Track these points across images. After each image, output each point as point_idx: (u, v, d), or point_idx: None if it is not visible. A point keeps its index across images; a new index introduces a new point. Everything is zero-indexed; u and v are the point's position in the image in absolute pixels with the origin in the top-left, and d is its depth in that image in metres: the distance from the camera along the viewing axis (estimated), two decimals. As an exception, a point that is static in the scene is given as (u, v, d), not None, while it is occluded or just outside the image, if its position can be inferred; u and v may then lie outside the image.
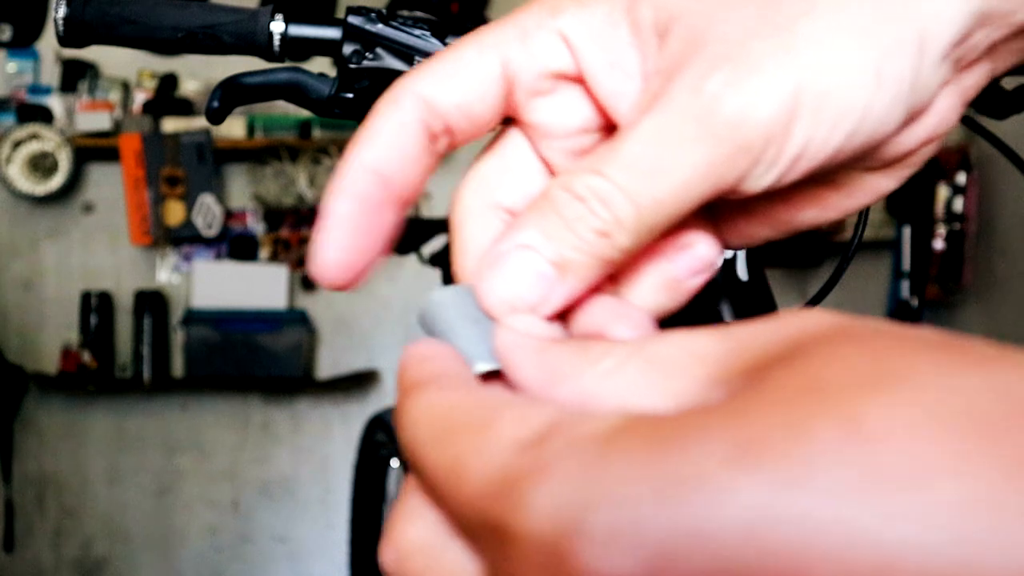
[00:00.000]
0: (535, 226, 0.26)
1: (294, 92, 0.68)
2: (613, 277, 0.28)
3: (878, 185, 0.31)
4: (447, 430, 0.21)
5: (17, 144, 3.26)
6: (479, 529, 0.19)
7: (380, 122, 0.28)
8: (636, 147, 0.25)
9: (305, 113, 3.42)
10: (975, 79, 0.30)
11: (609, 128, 0.30)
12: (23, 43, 3.40)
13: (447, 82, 0.28)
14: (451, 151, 0.31)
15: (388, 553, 0.22)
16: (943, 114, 0.29)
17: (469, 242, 0.29)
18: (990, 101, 0.66)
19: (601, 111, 0.29)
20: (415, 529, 0.21)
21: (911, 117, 0.28)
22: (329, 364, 3.56)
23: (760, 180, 0.26)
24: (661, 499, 0.16)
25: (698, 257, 0.28)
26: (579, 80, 0.29)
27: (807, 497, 0.16)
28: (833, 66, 0.26)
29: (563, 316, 0.27)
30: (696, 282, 0.29)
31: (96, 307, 3.37)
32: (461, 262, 0.29)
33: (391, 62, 0.67)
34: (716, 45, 0.26)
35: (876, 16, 0.26)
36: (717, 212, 0.30)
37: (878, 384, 0.17)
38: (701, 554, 0.16)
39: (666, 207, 0.25)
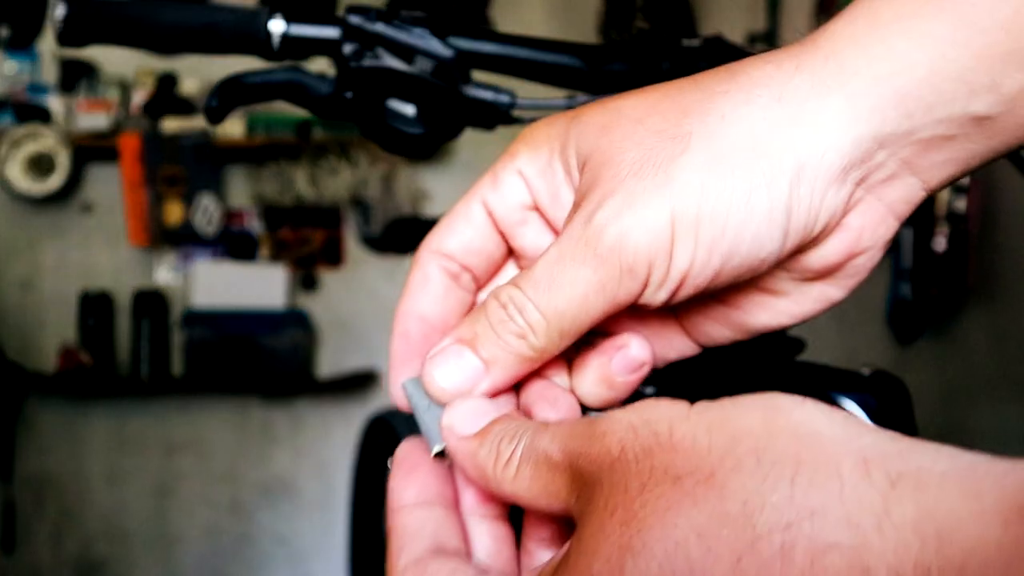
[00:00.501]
0: (469, 327, 0.33)
1: (293, 91, 0.68)
2: (568, 368, 0.35)
3: (824, 294, 0.35)
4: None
5: (16, 144, 3.26)
6: None
7: (413, 277, 0.36)
8: (542, 267, 0.32)
9: (304, 113, 3.41)
10: (900, 192, 0.33)
11: None
12: (22, 43, 3.39)
13: (450, 234, 0.36)
14: (479, 285, 0.37)
15: None
16: (866, 228, 0.33)
17: (413, 278, 0.37)
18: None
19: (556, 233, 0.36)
20: None
21: (820, 234, 0.32)
22: (329, 364, 3.56)
23: (655, 296, 0.32)
24: None
25: (630, 357, 0.34)
26: (537, 209, 0.36)
27: None
28: (704, 197, 0.30)
29: (516, 388, 0.35)
30: (630, 379, 0.34)
31: (95, 307, 3.36)
32: (401, 300, 0.37)
33: (391, 61, 0.67)
34: (607, 183, 0.31)
35: (749, 154, 0.31)
36: (683, 315, 0.37)
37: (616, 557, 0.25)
38: None
39: (568, 317, 0.31)
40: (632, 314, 0.35)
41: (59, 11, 0.66)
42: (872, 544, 0.22)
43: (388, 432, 2.05)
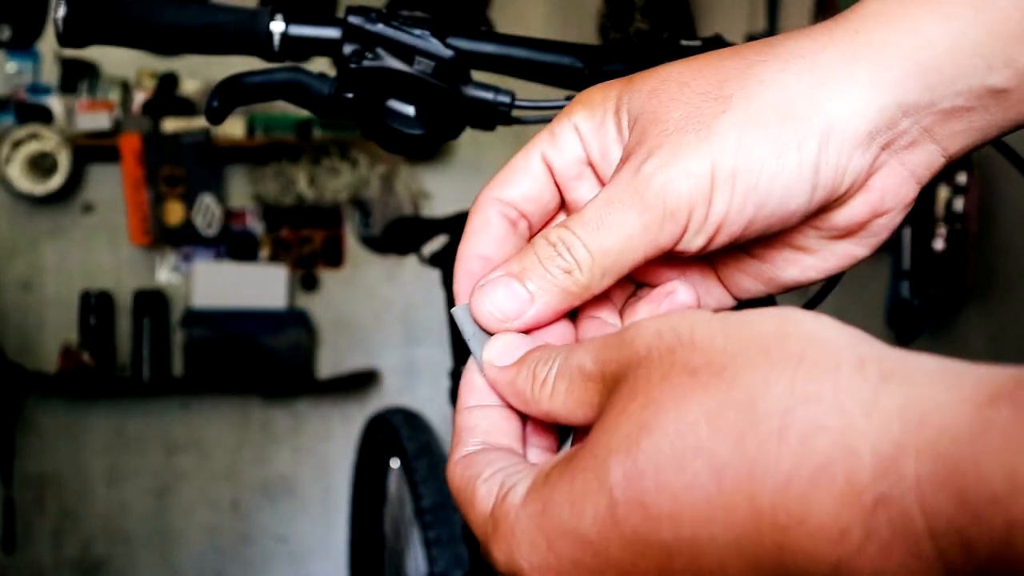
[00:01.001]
0: (518, 262, 0.36)
1: (294, 92, 0.68)
2: (621, 319, 0.39)
3: (849, 251, 0.39)
4: (458, 494, 0.34)
5: (17, 144, 3.26)
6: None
7: (474, 222, 0.39)
8: (591, 209, 0.35)
9: (305, 113, 3.42)
10: (922, 157, 0.36)
11: None
12: (23, 43, 3.40)
13: (510, 184, 0.39)
14: (532, 232, 0.40)
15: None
16: (889, 190, 0.37)
17: (474, 222, 0.39)
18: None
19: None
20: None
21: (846, 193, 0.36)
22: (329, 364, 3.56)
23: (692, 242, 0.35)
24: (546, 551, 0.30)
25: (678, 302, 0.37)
26: (590, 164, 0.39)
27: (621, 524, 0.29)
28: (740, 151, 0.34)
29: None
30: None
31: (96, 307, 3.37)
32: (463, 242, 0.38)
33: (391, 62, 0.67)
34: (654, 138, 0.35)
35: (783, 115, 0.34)
36: (720, 268, 0.41)
37: (631, 439, 0.29)
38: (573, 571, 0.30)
39: (612, 255, 0.35)
40: (674, 265, 0.40)
41: (60, 11, 0.66)
42: (858, 427, 0.25)
43: (388, 431, 2.05)
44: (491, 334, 0.36)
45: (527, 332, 0.36)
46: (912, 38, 0.35)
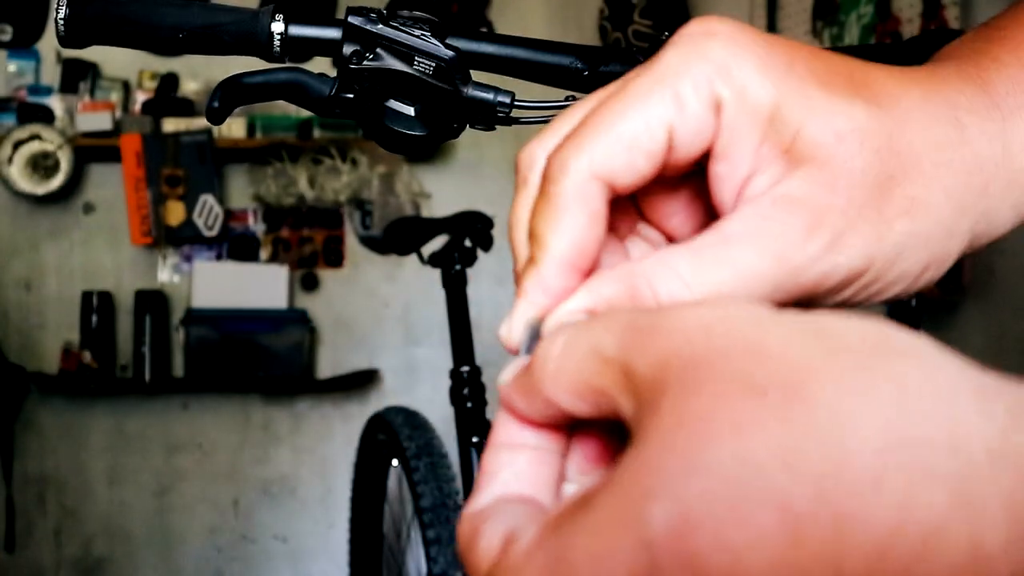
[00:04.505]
0: (605, 300, 0.29)
1: (294, 92, 0.69)
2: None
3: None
4: (466, 540, 0.27)
5: (18, 144, 3.27)
6: None
7: (569, 206, 0.29)
8: (725, 272, 0.29)
9: (305, 113, 3.42)
10: (987, 237, 0.35)
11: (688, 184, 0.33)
12: (24, 43, 3.40)
13: (618, 154, 0.29)
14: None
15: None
16: (951, 262, 0.34)
17: (567, 210, 0.29)
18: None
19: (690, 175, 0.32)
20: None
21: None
22: (329, 364, 3.56)
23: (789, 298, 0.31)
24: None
25: None
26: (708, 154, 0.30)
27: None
28: (900, 261, 0.31)
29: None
30: None
31: (97, 307, 3.37)
32: (554, 232, 0.30)
33: (391, 62, 0.67)
34: (831, 207, 0.29)
35: (951, 229, 0.32)
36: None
37: (693, 473, 0.22)
38: None
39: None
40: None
41: (61, 12, 0.66)
42: (983, 475, 0.20)
43: (388, 431, 2.05)
44: None
45: None
46: None
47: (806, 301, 0.31)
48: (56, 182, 3.31)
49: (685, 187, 0.33)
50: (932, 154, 0.31)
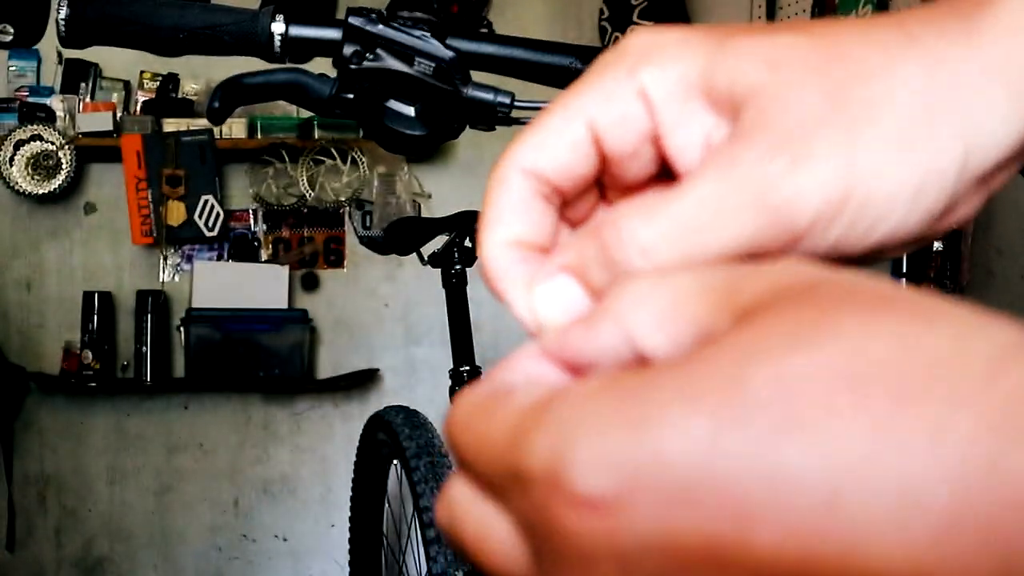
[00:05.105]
0: (577, 253, 0.29)
1: (295, 92, 0.69)
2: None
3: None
4: (471, 415, 0.24)
5: (19, 144, 3.27)
6: (502, 483, 0.23)
7: (497, 197, 0.31)
8: (690, 207, 0.27)
9: (306, 113, 3.42)
10: (1004, 178, 0.31)
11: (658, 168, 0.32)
12: (25, 44, 3.40)
13: (541, 148, 0.30)
14: (567, 206, 0.33)
15: (441, 510, 0.26)
16: (968, 211, 0.31)
17: (496, 202, 0.31)
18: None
19: (658, 157, 0.31)
20: (458, 492, 0.25)
21: (936, 218, 0.30)
22: (329, 364, 3.56)
23: (791, 254, 0.29)
24: (629, 434, 0.20)
25: None
26: (653, 134, 0.30)
27: (735, 435, 0.20)
28: (880, 177, 0.28)
29: None
30: None
31: (98, 307, 3.37)
32: (486, 227, 0.31)
33: (391, 63, 0.68)
34: (783, 129, 0.28)
35: (927, 139, 0.28)
36: None
37: (809, 343, 0.20)
38: (659, 476, 0.20)
39: (705, 256, 0.28)
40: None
41: (62, 12, 0.67)
42: None
43: (388, 430, 2.05)
44: None
45: None
46: None
47: (805, 252, 0.29)
48: (57, 182, 3.32)
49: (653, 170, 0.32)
50: (879, 54, 0.29)
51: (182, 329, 3.35)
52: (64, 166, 3.30)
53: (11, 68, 3.43)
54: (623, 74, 0.30)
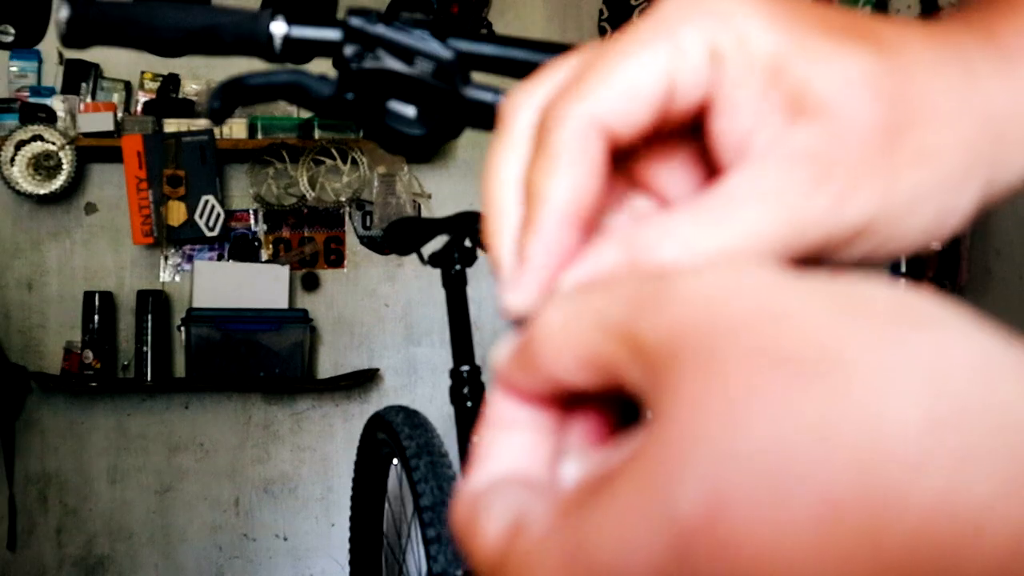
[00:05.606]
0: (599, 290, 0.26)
1: (295, 93, 0.69)
2: None
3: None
4: (466, 520, 0.25)
5: (20, 145, 3.27)
6: None
7: (571, 163, 0.27)
8: (732, 230, 0.27)
9: (306, 114, 3.42)
10: (1003, 188, 0.32)
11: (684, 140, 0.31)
12: (26, 44, 3.40)
13: (617, 99, 0.27)
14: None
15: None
16: (966, 217, 0.31)
17: (565, 156, 0.28)
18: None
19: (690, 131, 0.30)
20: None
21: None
22: (330, 363, 3.57)
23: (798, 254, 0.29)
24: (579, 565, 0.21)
25: None
26: (704, 101, 0.29)
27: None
28: (911, 215, 0.29)
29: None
30: None
31: (98, 307, 3.38)
32: (549, 181, 0.28)
33: (391, 63, 0.68)
34: (837, 158, 0.27)
35: (963, 185, 0.30)
36: None
37: (733, 435, 0.20)
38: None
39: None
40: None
41: (63, 13, 0.67)
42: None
43: (388, 430, 2.06)
44: None
45: None
46: None
47: (811, 259, 0.29)
48: (58, 182, 3.32)
49: (682, 149, 0.31)
50: (943, 100, 0.29)
51: (183, 329, 3.35)
52: (65, 166, 3.31)
53: (12, 68, 3.43)
54: (702, 30, 0.27)
